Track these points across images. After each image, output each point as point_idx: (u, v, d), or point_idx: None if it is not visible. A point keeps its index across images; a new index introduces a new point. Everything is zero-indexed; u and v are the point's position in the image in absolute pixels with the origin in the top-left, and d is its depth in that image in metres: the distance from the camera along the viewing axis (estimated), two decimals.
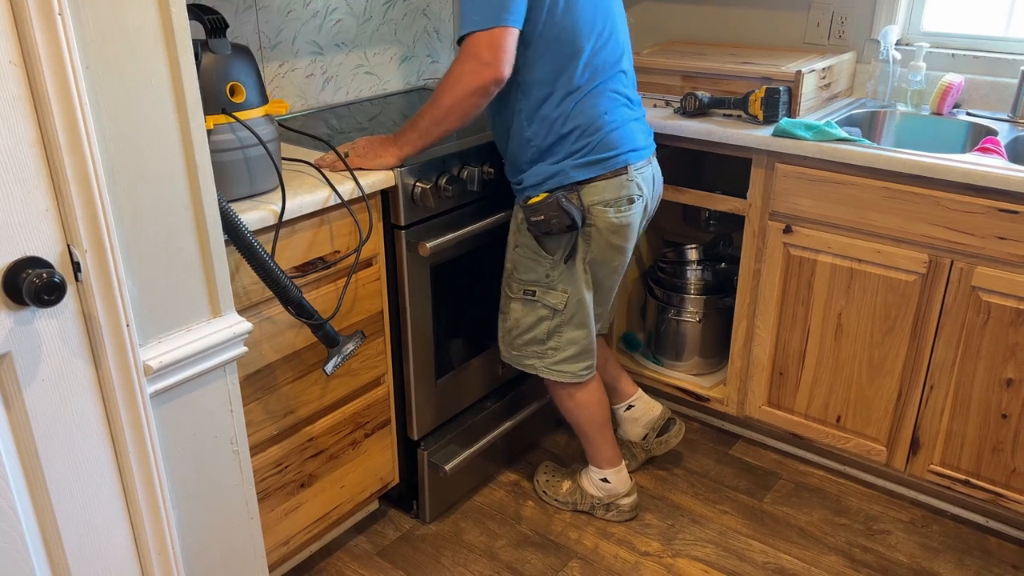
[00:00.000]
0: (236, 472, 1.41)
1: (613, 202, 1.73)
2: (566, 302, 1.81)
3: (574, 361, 1.87)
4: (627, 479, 2.03)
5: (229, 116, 1.38)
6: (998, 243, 1.75)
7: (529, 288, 1.82)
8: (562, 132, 1.68)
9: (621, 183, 1.73)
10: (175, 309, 1.24)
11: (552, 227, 1.69)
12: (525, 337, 1.87)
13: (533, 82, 1.66)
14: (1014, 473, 1.87)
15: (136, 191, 1.15)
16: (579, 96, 1.68)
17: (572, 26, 1.63)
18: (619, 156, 1.72)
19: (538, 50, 1.63)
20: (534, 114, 1.69)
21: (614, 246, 1.79)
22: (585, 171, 1.70)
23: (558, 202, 1.67)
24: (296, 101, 2.16)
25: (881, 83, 2.26)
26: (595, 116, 1.69)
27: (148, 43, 1.11)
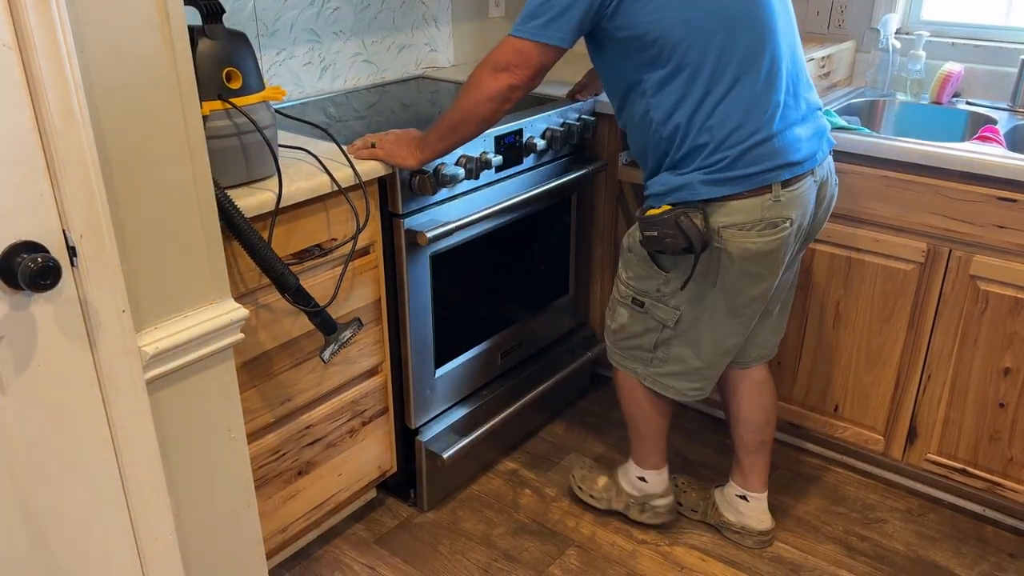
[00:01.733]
0: (233, 459, 1.41)
1: (750, 225, 1.51)
2: (678, 320, 1.65)
3: (681, 378, 1.73)
4: (665, 481, 1.94)
5: (225, 102, 1.37)
6: (996, 231, 1.75)
7: (639, 298, 1.68)
8: (696, 143, 1.49)
9: (762, 204, 1.50)
10: (171, 295, 1.24)
11: (665, 246, 1.53)
12: (632, 342, 1.75)
13: (657, 86, 1.50)
14: (1011, 462, 1.88)
15: (132, 177, 1.14)
16: (716, 99, 1.47)
17: (682, 17, 1.44)
18: (763, 174, 1.49)
19: (648, 51, 1.48)
20: (665, 121, 1.51)
21: (750, 274, 1.57)
22: (715, 188, 1.49)
23: (676, 220, 1.49)
24: (293, 89, 2.15)
25: (880, 72, 2.26)
26: (736, 125, 1.47)
27: (143, 28, 1.10)
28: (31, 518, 1.12)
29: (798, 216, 1.55)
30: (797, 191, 1.53)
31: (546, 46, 1.49)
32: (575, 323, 2.42)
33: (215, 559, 1.41)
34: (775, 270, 1.60)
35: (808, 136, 1.56)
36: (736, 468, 1.92)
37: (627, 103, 1.59)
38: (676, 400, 1.81)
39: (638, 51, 1.49)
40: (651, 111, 1.53)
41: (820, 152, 1.58)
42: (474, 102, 1.55)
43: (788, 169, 1.51)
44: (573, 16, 1.47)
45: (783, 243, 1.55)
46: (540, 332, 2.29)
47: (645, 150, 1.60)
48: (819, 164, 1.58)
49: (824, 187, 1.62)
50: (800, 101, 1.56)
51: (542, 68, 1.52)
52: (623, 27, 1.48)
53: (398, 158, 1.63)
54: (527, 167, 2.02)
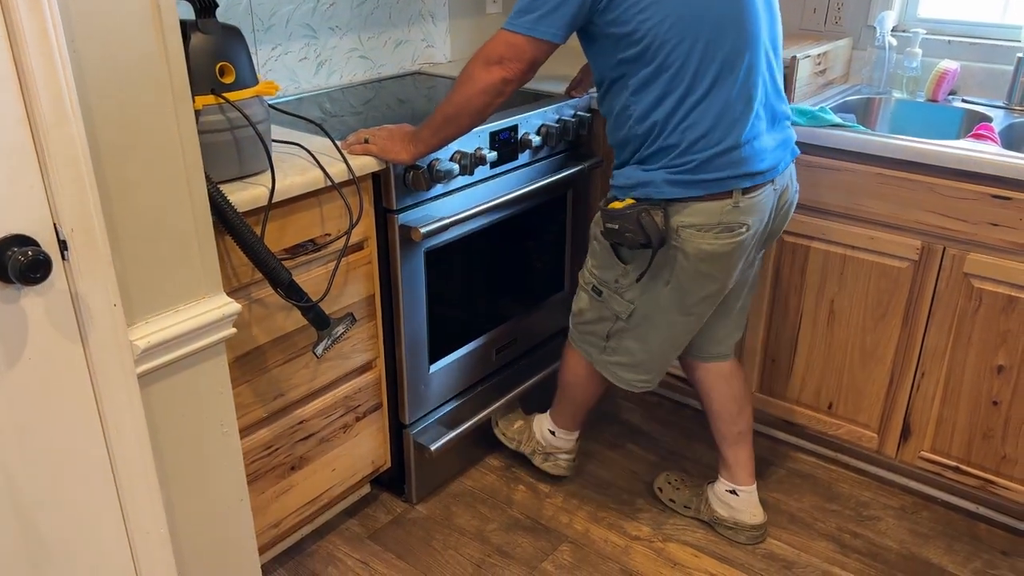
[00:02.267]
0: (226, 454, 1.41)
1: (707, 227, 1.55)
2: (631, 313, 1.70)
3: (629, 369, 1.80)
4: (573, 442, 2.07)
5: (218, 97, 1.37)
6: (990, 229, 1.75)
7: (598, 286, 1.74)
8: (667, 143, 1.52)
9: (721, 209, 1.54)
10: (163, 289, 1.24)
11: (625, 239, 1.57)
12: (588, 328, 1.82)
13: (639, 83, 1.52)
14: (1004, 459, 1.88)
15: (123, 170, 1.14)
16: (693, 102, 1.49)
17: (670, 18, 1.45)
18: (726, 180, 1.52)
19: (634, 49, 1.49)
20: (643, 118, 1.53)
21: (703, 274, 1.61)
22: (678, 189, 1.53)
23: (637, 216, 1.53)
24: (289, 84, 2.15)
25: (877, 69, 2.25)
26: (707, 129, 1.50)
27: (135, 21, 1.10)
28: (22, 512, 1.12)
29: (755, 223, 1.59)
30: (756, 199, 1.57)
31: (538, 40, 1.49)
32: None
33: (207, 554, 1.41)
34: (728, 272, 1.64)
35: (774, 146, 1.60)
36: (721, 463, 1.94)
37: (609, 95, 1.61)
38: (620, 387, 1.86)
39: (625, 47, 1.51)
40: (631, 106, 1.56)
41: (783, 162, 1.63)
42: (467, 95, 1.55)
43: (750, 178, 1.55)
44: (566, 11, 1.48)
45: (738, 247, 1.59)
46: (535, 328, 2.29)
47: (619, 141, 1.63)
48: (780, 174, 1.62)
49: (784, 194, 1.66)
50: (770, 111, 1.60)
51: (535, 62, 1.52)
52: (613, 23, 1.49)
53: (391, 153, 1.63)
54: (522, 163, 2.02)
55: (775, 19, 1.61)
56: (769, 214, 1.63)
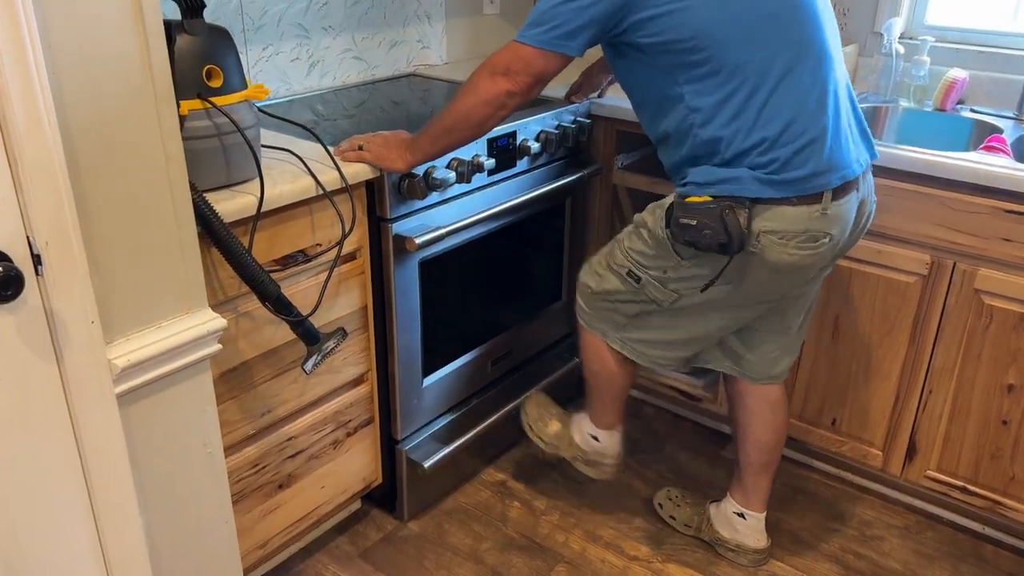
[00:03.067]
0: (209, 474, 1.35)
1: (791, 235, 1.42)
2: (673, 301, 1.57)
3: (654, 347, 1.67)
4: (618, 443, 1.90)
5: (205, 101, 1.31)
6: (1002, 245, 1.70)
7: (636, 271, 1.59)
8: (744, 146, 1.39)
9: (809, 215, 1.41)
10: (144, 305, 1.18)
11: (701, 238, 1.41)
12: (610, 307, 1.67)
13: (696, 90, 1.41)
14: (1013, 480, 1.83)
15: (102, 181, 1.08)
16: (764, 94, 1.38)
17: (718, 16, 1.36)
18: (814, 177, 1.40)
19: (683, 56, 1.39)
20: (710, 120, 1.41)
21: (775, 283, 1.50)
22: (767, 188, 1.39)
23: (721, 213, 1.38)
24: (280, 86, 2.08)
25: (883, 77, 2.20)
26: (788, 121, 1.38)
27: (115, 23, 1.04)
28: None
29: (838, 233, 1.47)
30: (844, 205, 1.45)
31: (549, 53, 1.42)
32: (568, 329, 2.36)
33: None
34: (801, 283, 1.54)
35: (856, 142, 1.49)
36: (737, 485, 1.87)
37: (660, 114, 1.50)
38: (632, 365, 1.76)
39: (670, 56, 1.41)
40: (690, 116, 1.43)
41: (863, 158, 1.50)
42: (469, 105, 1.48)
43: (840, 175, 1.42)
44: (582, 26, 1.40)
45: (819, 258, 1.48)
46: (532, 339, 2.23)
47: (685, 159, 1.49)
48: (865, 171, 1.50)
49: (864, 204, 1.54)
50: (846, 103, 1.48)
51: (543, 76, 1.45)
52: (652, 34, 1.40)
53: (387, 161, 1.57)
54: (521, 170, 1.96)
55: (831, 10, 1.50)
56: (851, 224, 1.51)
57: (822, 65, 1.42)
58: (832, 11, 1.51)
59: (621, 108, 2.06)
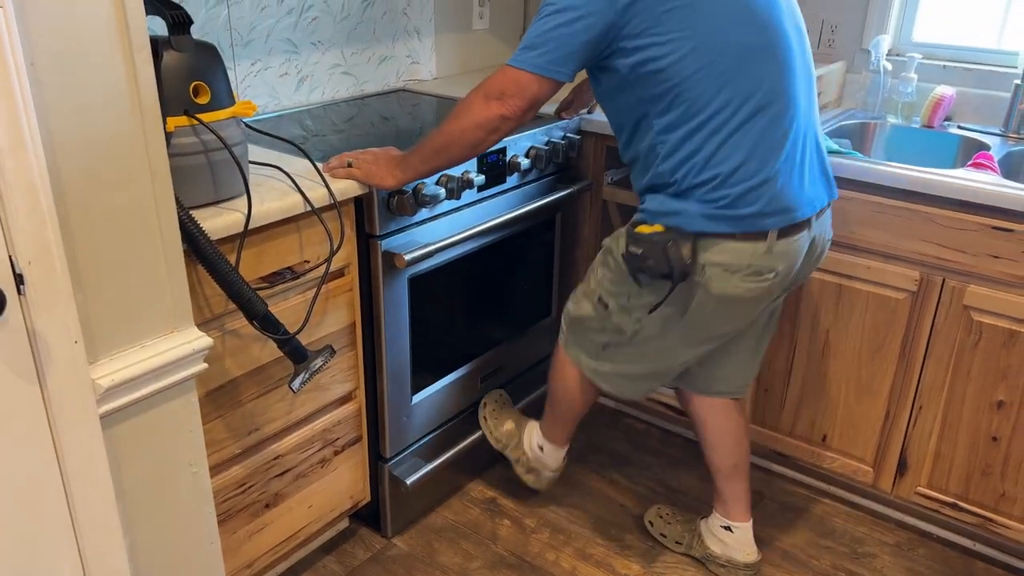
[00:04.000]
0: (195, 495, 1.33)
1: (735, 268, 1.46)
2: (635, 332, 1.62)
3: (622, 379, 1.73)
4: (561, 459, 1.99)
5: (192, 118, 1.30)
6: (991, 261, 1.70)
7: (605, 298, 1.65)
8: (697, 180, 1.44)
9: (753, 251, 1.45)
10: (129, 324, 1.16)
11: (646, 267, 1.48)
12: (585, 333, 1.73)
13: (665, 121, 1.44)
14: (1003, 497, 1.83)
15: (86, 199, 1.07)
16: (725, 133, 1.41)
17: (693, 51, 1.39)
18: (760, 217, 1.44)
19: (656, 86, 1.42)
20: (672, 152, 1.45)
21: (722, 316, 1.54)
22: (712, 223, 1.44)
23: (664, 246, 1.44)
24: (269, 101, 2.07)
25: (871, 94, 2.21)
26: (741, 161, 1.42)
27: (100, 40, 1.03)
28: None
29: (784, 269, 1.51)
30: (791, 244, 1.49)
31: (543, 78, 1.42)
32: None
33: None
34: (747, 317, 1.58)
35: (811, 184, 1.51)
36: (717, 497, 1.87)
37: (634, 139, 1.53)
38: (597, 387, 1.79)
39: (647, 86, 1.43)
40: (657, 146, 1.47)
41: (819, 200, 1.53)
42: (462, 128, 1.48)
43: (786, 217, 1.46)
44: (575, 51, 1.41)
45: (764, 293, 1.52)
46: (522, 355, 2.22)
47: (648, 185, 1.53)
48: (817, 216, 1.53)
49: (816, 242, 1.57)
50: (808, 145, 1.51)
51: (537, 100, 1.45)
52: (633, 63, 1.42)
53: (376, 178, 1.56)
54: (510, 186, 1.95)
55: (806, 50, 1.53)
56: (799, 261, 1.54)
57: (787, 111, 1.45)
58: (810, 60, 1.55)
59: None
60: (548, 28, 1.41)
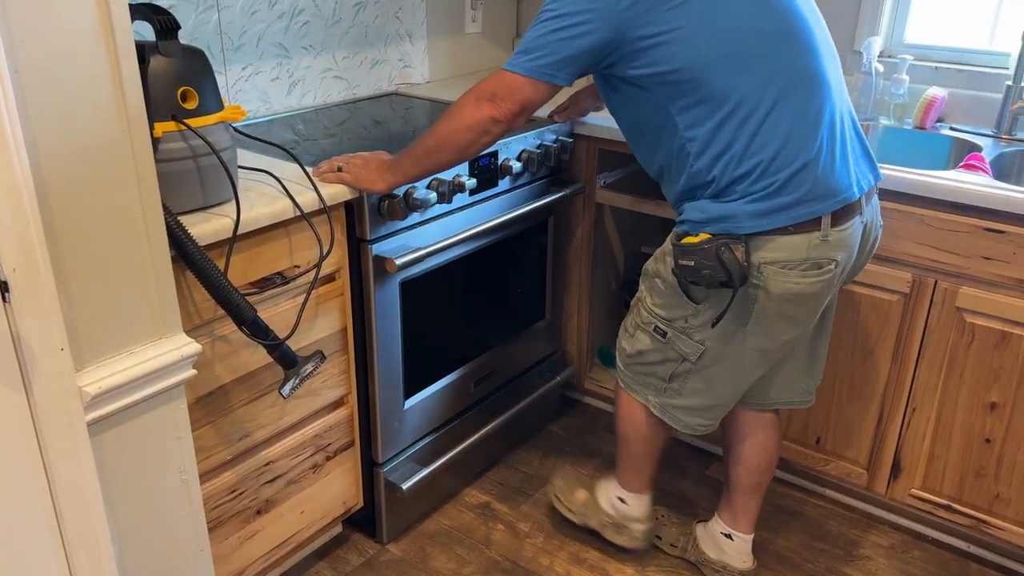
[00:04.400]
0: (185, 502, 1.32)
1: (793, 264, 1.40)
2: (701, 354, 1.54)
3: (692, 413, 1.64)
4: (646, 507, 1.85)
5: (180, 123, 1.29)
6: (983, 263, 1.70)
7: (662, 327, 1.57)
8: (738, 173, 1.38)
9: (808, 243, 1.39)
10: (116, 331, 1.15)
11: (702, 278, 1.42)
12: (647, 369, 1.64)
13: (690, 118, 1.40)
14: (997, 499, 1.83)
15: (72, 204, 1.06)
16: (758, 119, 1.36)
17: (705, 44, 1.35)
18: (809, 205, 1.38)
19: (675, 86, 1.38)
20: (705, 148, 1.40)
21: (786, 316, 1.46)
22: (762, 220, 1.38)
23: (716, 251, 1.38)
24: (260, 105, 2.07)
25: (863, 96, 2.21)
26: (781, 146, 1.36)
27: (85, 45, 1.02)
28: None
29: (843, 259, 1.45)
30: (846, 231, 1.43)
31: (537, 82, 1.40)
32: (552, 348, 2.35)
33: None
34: (812, 314, 1.49)
35: (856, 165, 1.46)
36: (726, 506, 1.84)
37: (658, 145, 1.48)
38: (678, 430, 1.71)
39: (664, 87, 1.39)
40: (686, 145, 1.42)
41: (865, 180, 1.47)
42: (452, 129, 1.47)
43: (834, 200, 1.40)
44: (571, 57, 1.38)
45: (826, 286, 1.45)
46: (515, 359, 2.21)
47: (685, 188, 1.48)
48: (867, 199, 1.48)
49: (869, 229, 1.53)
50: (847, 123, 1.47)
51: (529, 104, 1.43)
52: (643, 66, 1.39)
53: (366, 182, 1.55)
54: (503, 190, 1.95)
55: (825, 30, 1.49)
56: (856, 249, 1.48)
57: (817, 91, 1.40)
58: (831, 41, 1.50)
59: (602, 127, 2.05)
60: (544, 32, 1.39)
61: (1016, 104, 2.03)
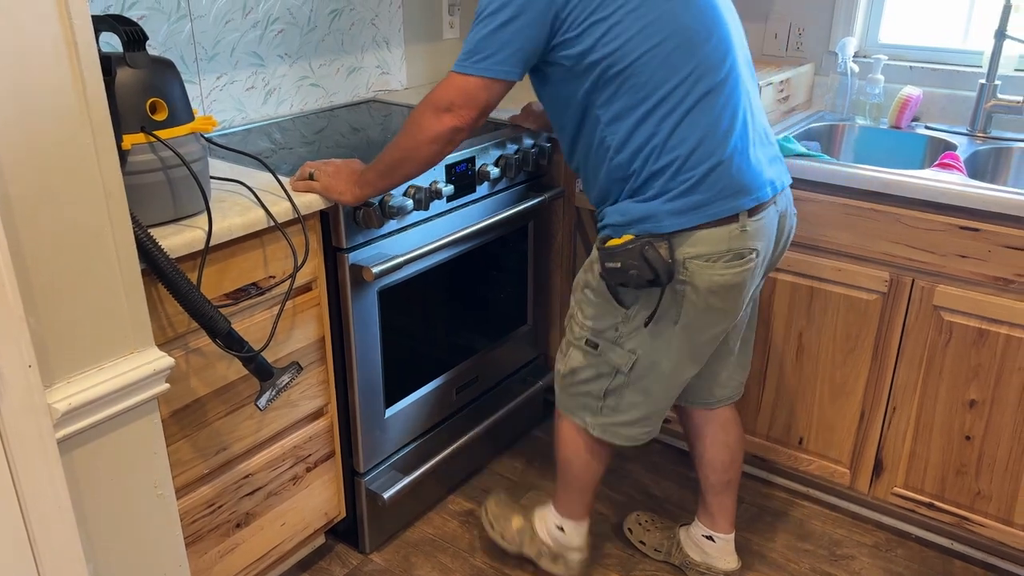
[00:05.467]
0: (161, 518, 1.31)
1: (716, 256, 1.43)
2: (633, 364, 1.55)
3: (632, 426, 1.63)
4: (584, 536, 1.82)
5: (149, 135, 1.28)
6: (959, 261, 1.71)
7: (593, 339, 1.58)
8: (656, 167, 1.40)
9: (729, 234, 1.43)
10: (86, 346, 1.14)
11: (629, 279, 1.43)
12: (582, 388, 1.64)
13: (612, 111, 1.42)
14: (979, 496, 1.83)
15: (36, 219, 1.04)
16: (678, 115, 1.39)
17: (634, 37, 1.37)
18: (724, 202, 1.41)
19: (600, 75, 1.40)
20: (625, 142, 1.42)
21: (715, 309, 1.48)
22: (681, 218, 1.41)
23: (641, 251, 1.40)
24: (236, 115, 2.06)
25: (839, 96, 2.22)
26: (698, 142, 1.39)
27: (47, 58, 1.01)
28: None
29: (763, 247, 1.48)
30: (762, 221, 1.46)
31: (491, 82, 1.39)
32: (534, 353, 2.34)
33: None
34: (739, 304, 1.52)
35: (768, 162, 1.50)
36: (703, 508, 1.85)
37: (581, 135, 1.50)
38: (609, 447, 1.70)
39: (590, 78, 1.41)
40: (607, 138, 1.45)
41: (779, 180, 1.51)
42: (415, 144, 1.45)
43: (751, 196, 1.43)
44: (520, 48, 1.38)
45: (749, 275, 1.48)
46: (498, 365, 2.21)
47: (604, 183, 1.50)
48: (780, 192, 1.51)
49: (784, 218, 1.55)
50: (758, 125, 1.50)
51: (487, 106, 1.42)
52: (578, 51, 1.40)
53: (335, 192, 1.54)
54: (480, 196, 1.95)
55: (743, 35, 1.53)
56: (774, 238, 1.53)
57: (734, 92, 1.43)
58: (745, 42, 1.54)
59: None
60: (489, 31, 1.38)
61: (990, 102, 2.05)
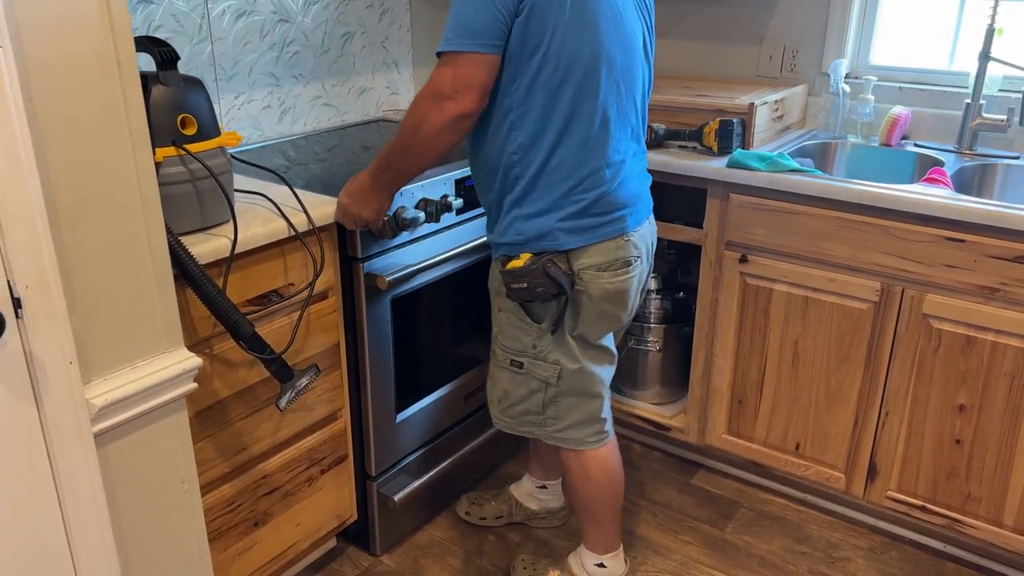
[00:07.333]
0: (186, 512, 1.37)
1: (607, 265, 1.54)
2: (559, 374, 1.62)
3: (579, 428, 1.68)
4: (623, 562, 1.83)
5: (180, 149, 1.36)
6: (947, 271, 1.78)
7: (516, 359, 1.64)
8: (560, 190, 1.49)
9: (616, 245, 1.54)
10: (121, 345, 1.21)
11: (537, 295, 1.52)
12: (518, 408, 1.69)
13: (523, 118, 1.45)
14: (969, 498, 1.90)
15: (81, 226, 1.12)
16: (581, 139, 1.46)
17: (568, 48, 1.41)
18: (618, 222, 1.53)
19: (527, 79, 1.43)
20: (525, 158, 1.48)
21: (607, 315, 1.59)
22: (577, 237, 1.51)
23: (544, 269, 1.49)
24: (252, 133, 2.14)
25: (832, 115, 2.31)
26: (598, 168, 1.49)
27: (94, 75, 1.09)
28: None
29: (644, 252, 1.62)
30: (639, 232, 1.60)
31: (484, 56, 1.38)
32: None
33: None
34: (626, 308, 1.63)
35: (640, 178, 1.62)
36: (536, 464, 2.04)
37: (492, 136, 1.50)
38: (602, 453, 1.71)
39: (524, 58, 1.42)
40: (513, 139, 1.47)
41: (649, 208, 1.66)
42: (427, 138, 1.42)
43: (634, 217, 1.57)
44: (499, 20, 1.37)
45: (636, 279, 1.60)
46: None
47: (496, 202, 1.56)
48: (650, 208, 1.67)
49: (649, 229, 1.67)
50: (641, 145, 1.63)
51: (486, 86, 1.40)
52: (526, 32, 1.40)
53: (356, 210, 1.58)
54: None
55: (651, 65, 1.63)
56: (648, 248, 1.66)
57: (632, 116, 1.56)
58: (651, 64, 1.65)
59: None
60: (476, 7, 1.37)
61: (975, 121, 2.13)
